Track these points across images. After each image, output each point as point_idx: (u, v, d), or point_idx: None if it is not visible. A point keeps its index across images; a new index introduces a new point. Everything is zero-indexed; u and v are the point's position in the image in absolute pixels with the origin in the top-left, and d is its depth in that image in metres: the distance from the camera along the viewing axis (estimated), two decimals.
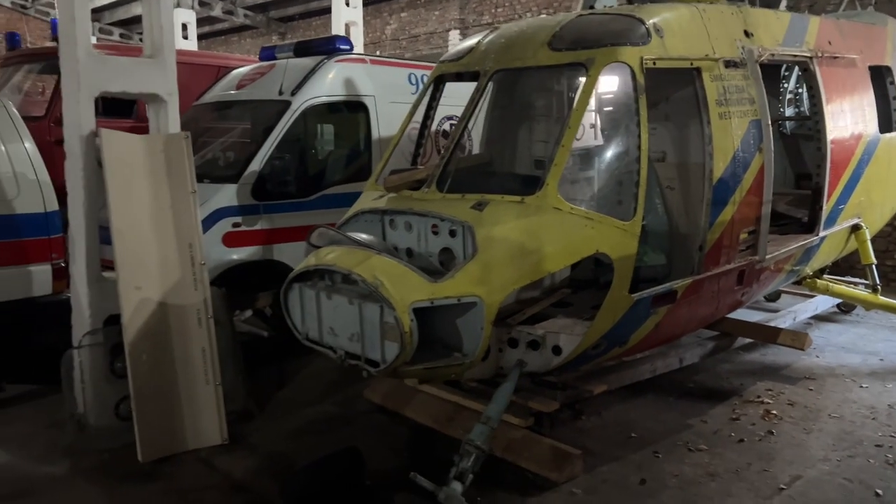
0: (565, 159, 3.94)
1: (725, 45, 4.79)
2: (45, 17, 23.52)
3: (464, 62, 4.77)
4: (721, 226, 4.64)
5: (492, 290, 3.65)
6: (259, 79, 6.86)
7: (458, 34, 15.66)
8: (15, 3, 22.95)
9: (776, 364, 6.27)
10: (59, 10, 4.37)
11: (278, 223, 6.06)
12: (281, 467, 4.33)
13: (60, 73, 7.80)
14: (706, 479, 4.21)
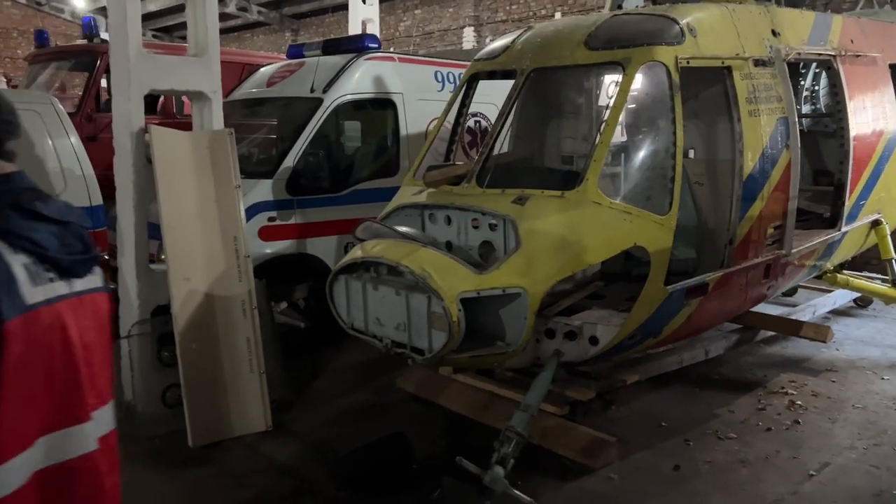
0: (604, 155, 4.08)
1: (754, 44, 4.91)
2: (59, 13, 23.72)
3: (500, 60, 4.90)
4: (750, 221, 4.76)
5: (535, 282, 3.79)
6: (289, 76, 7.00)
7: (472, 31, 15.80)
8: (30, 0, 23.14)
9: (797, 356, 6.39)
10: (111, 10, 4.51)
11: (311, 217, 6.21)
12: (324, 453, 4.48)
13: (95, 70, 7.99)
14: (738, 466, 4.35)
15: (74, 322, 1.54)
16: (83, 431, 1.56)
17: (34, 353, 1.43)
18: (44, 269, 1.48)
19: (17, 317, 1.39)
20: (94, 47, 8.29)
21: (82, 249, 1.58)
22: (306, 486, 4.09)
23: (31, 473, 1.44)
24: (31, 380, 1.43)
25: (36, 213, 1.51)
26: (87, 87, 7.96)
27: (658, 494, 4.02)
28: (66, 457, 1.51)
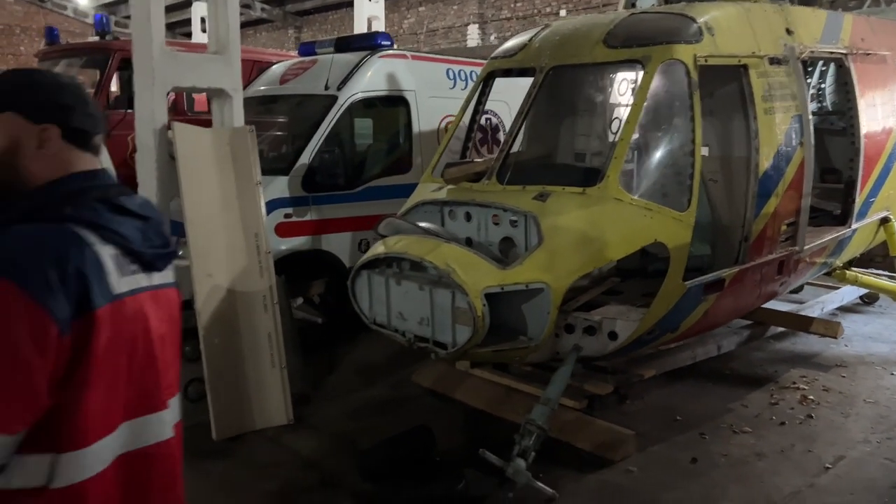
0: (625, 152, 4.14)
1: (769, 42, 4.96)
2: (62, 10, 23.72)
3: (517, 58, 4.95)
4: (765, 217, 4.82)
5: (558, 277, 3.85)
6: (302, 74, 7.04)
7: (476, 28, 15.84)
8: None
9: (807, 352, 6.46)
10: (134, 9, 4.55)
11: (327, 214, 6.26)
12: (346, 446, 4.54)
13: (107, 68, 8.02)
14: (754, 459, 4.41)
15: (154, 313, 1.59)
16: (161, 419, 1.61)
17: (119, 341, 1.48)
18: (128, 262, 1.53)
19: (106, 305, 1.44)
20: (106, 44, 8.33)
21: (162, 244, 1.63)
22: (331, 478, 4.15)
23: (113, 457, 1.49)
24: (116, 367, 1.48)
25: (122, 207, 1.55)
26: (100, 84, 8.00)
27: (677, 487, 4.08)
28: (145, 443, 1.56)
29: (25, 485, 1.39)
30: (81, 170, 1.57)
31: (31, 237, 1.41)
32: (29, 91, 1.55)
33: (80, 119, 1.58)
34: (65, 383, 1.40)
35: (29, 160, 1.52)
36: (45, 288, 1.35)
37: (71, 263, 1.40)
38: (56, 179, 1.54)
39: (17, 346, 1.33)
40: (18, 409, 1.34)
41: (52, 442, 1.40)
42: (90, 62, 8.46)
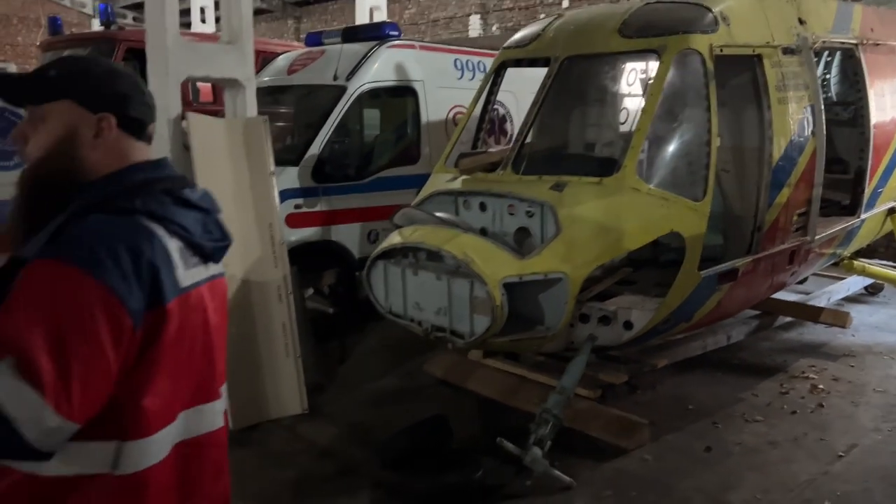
0: (641, 142, 4.15)
1: (783, 32, 4.97)
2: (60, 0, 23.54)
3: (531, 48, 4.95)
4: (778, 207, 4.84)
5: (576, 267, 3.87)
6: (310, 64, 7.02)
7: (478, 18, 15.80)
8: None
9: (815, 342, 6.49)
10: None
11: (336, 205, 6.25)
12: (361, 435, 4.56)
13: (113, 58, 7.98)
14: (767, 447, 4.44)
15: (210, 304, 1.59)
16: (213, 408, 1.62)
17: (184, 333, 1.49)
18: (190, 254, 1.53)
19: (175, 298, 1.45)
20: (112, 34, 8.29)
21: (221, 236, 1.64)
22: (349, 466, 4.17)
23: (172, 446, 1.50)
24: (180, 357, 1.49)
25: (185, 200, 1.55)
26: None
27: (693, 474, 4.11)
28: (199, 431, 1.57)
29: (85, 471, 1.39)
30: (142, 160, 1.57)
31: (106, 230, 1.40)
32: (85, 79, 1.54)
33: (137, 108, 1.57)
34: (132, 373, 1.41)
35: (87, 149, 1.52)
36: (122, 281, 1.36)
37: (144, 257, 1.40)
38: (120, 169, 1.53)
39: (99, 340, 1.33)
40: (93, 398, 1.34)
41: (119, 430, 1.41)
42: (95, 52, 8.41)
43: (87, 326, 1.32)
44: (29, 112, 1.56)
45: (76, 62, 1.61)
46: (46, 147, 1.52)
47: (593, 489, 3.96)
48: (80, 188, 1.50)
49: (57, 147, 1.51)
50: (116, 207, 1.45)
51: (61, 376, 1.28)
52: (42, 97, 1.53)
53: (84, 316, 1.32)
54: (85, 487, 1.40)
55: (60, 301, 1.33)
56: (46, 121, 1.52)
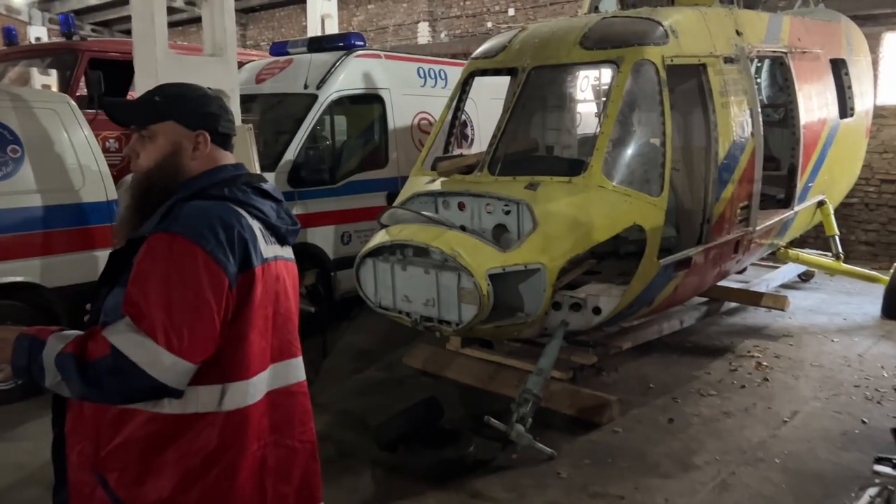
0: (605, 144, 4.58)
1: (723, 43, 5.50)
2: None
3: (499, 59, 5.34)
4: (724, 201, 5.35)
5: (553, 258, 4.26)
6: (279, 73, 7.27)
7: (427, 26, 16.16)
8: None
9: (757, 325, 7.10)
10: (135, 13, 4.73)
11: (311, 208, 6.52)
12: (354, 421, 4.86)
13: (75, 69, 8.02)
14: (723, 417, 4.94)
15: (287, 278, 1.92)
16: (297, 363, 1.96)
17: (268, 295, 1.82)
18: (269, 234, 1.87)
19: (259, 265, 1.79)
20: (75, 45, 8.29)
21: (291, 222, 1.96)
22: (348, 449, 4.46)
23: (266, 391, 1.83)
24: (266, 316, 1.82)
25: (263, 190, 1.90)
26: (68, 85, 7.98)
27: (660, 442, 4.56)
28: (287, 382, 1.90)
29: (199, 410, 1.73)
30: (228, 163, 1.93)
31: (205, 211, 1.76)
32: (183, 102, 1.89)
33: (225, 125, 1.93)
34: (231, 326, 1.74)
35: (187, 160, 1.87)
36: (220, 249, 1.70)
37: (235, 230, 1.75)
38: (211, 169, 1.88)
39: (203, 294, 1.68)
40: (202, 343, 1.68)
41: (223, 373, 1.75)
42: (55, 63, 8.40)
43: (194, 284, 1.67)
44: (136, 133, 1.88)
45: (175, 88, 1.94)
46: (156, 160, 1.87)
47: (573, 458, 4.36)
48: (181, 184, 1.85)
49: (165, 159, 1.87)
50: (210, 195, 1.81)
51: (173, 324, 1.64)
52: (150, 120, 1.87)
53: (191, 276, 1.68)
54: (197, 424, 1.73)
55: (174, 264, 1.68)
56: (155, 139, 1.86)
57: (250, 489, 1.80)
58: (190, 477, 1.72)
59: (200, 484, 1.73)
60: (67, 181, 5.28)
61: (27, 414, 5.00)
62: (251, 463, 1.79)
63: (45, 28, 20.64)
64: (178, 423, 1.72)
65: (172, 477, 1.71)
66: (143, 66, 4.77)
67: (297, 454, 1.92)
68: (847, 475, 4.09)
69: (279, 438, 1.87)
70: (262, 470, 1.82)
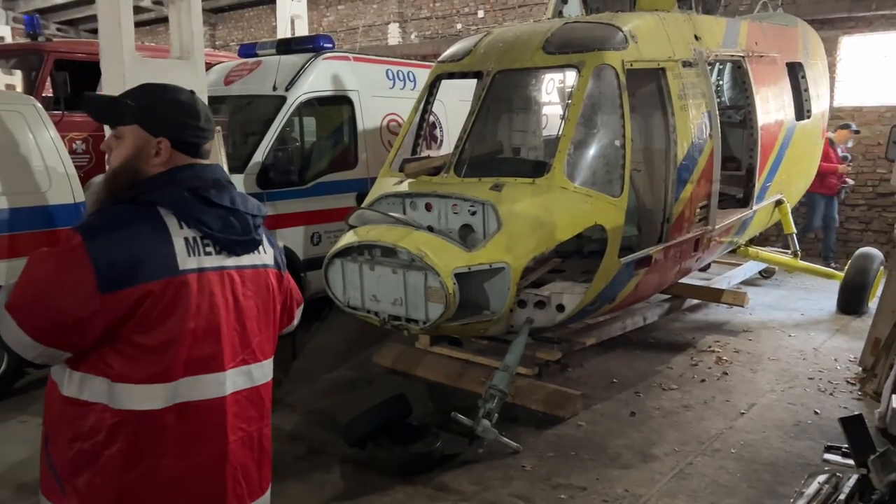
0: (567, 146, 4.71)
1: (682, 47, 5.67)
2: None
3: (465, 63, 5.45)
4: (683, 201, 5.52)
5: (517, 257, 4.38)
6: (247, 75, 7.30)
7: (397, 27, 16.23)
8: None
9: (717, 321, 7.31)
10: (102, 16, 4.75)
11: (281, 209, 6.56)
12: (324, 420, 4.94)
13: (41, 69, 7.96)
14: (682, 410, 5.11)
15: (224, 290, 1.92)
16: (217, 379, 1.91)
17: (182, 309, 1.83)
18: (206, 245, 1.88)
19: (164, 278, 1.80)
20: (39, 46, 8.23)
21: (243, 232, 1.96)
22: (317, 447, 4.54)
23: (172, 402, 1.84)
24: (178, 328, 1.82)
25: (206, 199, 1.90)
26: (34, 85, 7.92)
27: (622, 434, 4.71)
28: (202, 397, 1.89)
29: (89, 399, 1.80)
30: (182, 164, 1.94)
31: (115, 213, 1.84)
32: (152, 109, 1.93)
33: (191, 133, 1.95)
34: (120, 330, 1.77)
35: (147, 164, 1.92)
36: (103, 250, 1.74)
37: (135, 239, 1.78)
38: (162, 172, 1.91)
39: (59, 280, 1.73)
40: (39, 322, 1.74)
41: (108, 370, 1.79)
42: (21, 63, 8.32)
43: (57, 268, 1.75)
44: (113, 130, 1.94)
45: (149, 93, 1.97)
46: (120, 160, 1.93)
47: (538, 451, 4.48)
48: None
49: (127, 161, 1.92)
50: (141, 200, 1.87)
51: (21, 294, 1.76)
52: (118, 121, 1.94)
53: (59, 262, 1.75)
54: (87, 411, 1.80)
55: (56, 249, 1.77)
56: (123, 139, 1.93)
57: (143, 492, 1.83)
58: (81, 460, 1.82)
59: (90, 470, 1.81)
60: (34, 183, 5.27)
61: None
62: (146, 466, 1.83)
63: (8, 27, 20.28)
64: (73, 405, 1.82)
65: (69, 454, 1.83)
66: (109, 70, 4.79)
67: (201, 470, 1.91)
68: (798, 463, 4.28)
69: (184, 452, 1.87)
70: (155, 476, 1.84)
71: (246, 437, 2.00)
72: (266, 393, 2.10)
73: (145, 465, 1.82)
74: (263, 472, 2.08)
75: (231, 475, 1.95)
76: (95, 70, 7.00)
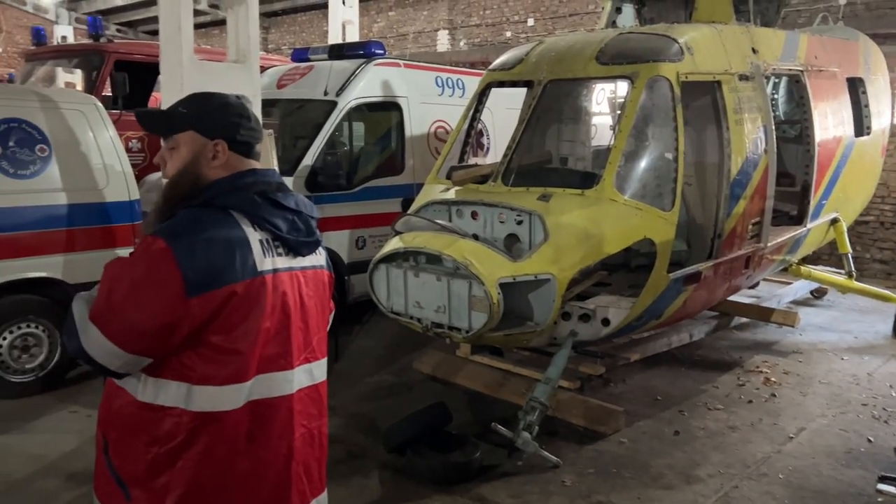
0: (618, 158, 4.65)
1: (739, 60, 5.55)
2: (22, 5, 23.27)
3: (515, 71, 5.43)
4: (735, 217, 5.40)
5: (563, 269, 4.34)
6: (300, 79, 7.40)
7: (446, 34, 16.29)
8: None
9: (766, 341, 7.12)
10: (163, 20, 4.87)
11: (327, 213, 6.61)
12: (365, 424, 4.95)
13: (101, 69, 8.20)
14: (728, 431, 4.98)
15: (294, 289, 1.96)
16: (284, 377, 1.94)
17: (259, 309, 1.86)
18: (276, 246, 1.93)
19: (247, 279, 1.83)
20: (101, 47, 8.49)
21: (306, 234, 2.01)
22: (357, 451, 4.55)
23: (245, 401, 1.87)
24: (256, 329, 1.85)
25: (275, 201, 1.95)
26: (94, 85, 8.18)
27: (665, 454, 4.61)
28: (271, 394, 1.92)
29: (166, 403, 1.81)
30: (245, 169, 1.98)
31: (196, 217, 1.86)
32: (203, 113, 1.97)
33: (244, 133, 1.99)
34: (202, 333, 1.79)
35: (206, 168, 1.95)
36: (188, 255, 1.76)
37: (218, 242, 1.81)
38: (224, 177, 1.95)
39: (148, 289, 1.76)
40: (130, 332, 1.75)
41: (189, 374, 1.81)
42: (82, 64, 8.61)
43: (145, 277, 1.76)
44: (166, 140, 1.98)
45: (199, 100, 2.02)
46: (179, 168, 1.97)
47: (578, 467, 4.42)
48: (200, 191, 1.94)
49: (186, 167, 1.96)
50: (215, 204, 1.90)
51: (108, 306, 1.77)
52: (173, 129, 1.98)
53: (146, 270, 1.77)
54: (164, 416, 1.81)
55: (140, 257, 1.80)
56: (179, 147, 1.96)
57: (214, 489, 1.86)
58: (158, 463, 1.82)
59: (167, 474, 1.82)
60: (92, 180, 5.43)
61: (45, 407, 5.15)
62: (221, 465, 1.85)
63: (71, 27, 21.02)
64: (148, 411, 1.82)
65: (144, 458, 1.82)
66: (169, 72, 4.90)
67: (270, 466, 1.94)
68: (850, 492, 4.13)
69: (253, 449, 1.89)
70: (227, 474, 1.86)
71: (308, 434, 2.04)
72: (324, 391, 2.15)
73: (220, 464, 1.85)
74: (322, 469, 2.13)
75: (295, 472, 1.98)
76: (153, 71, 7.24)
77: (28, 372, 5.34)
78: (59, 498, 3.99)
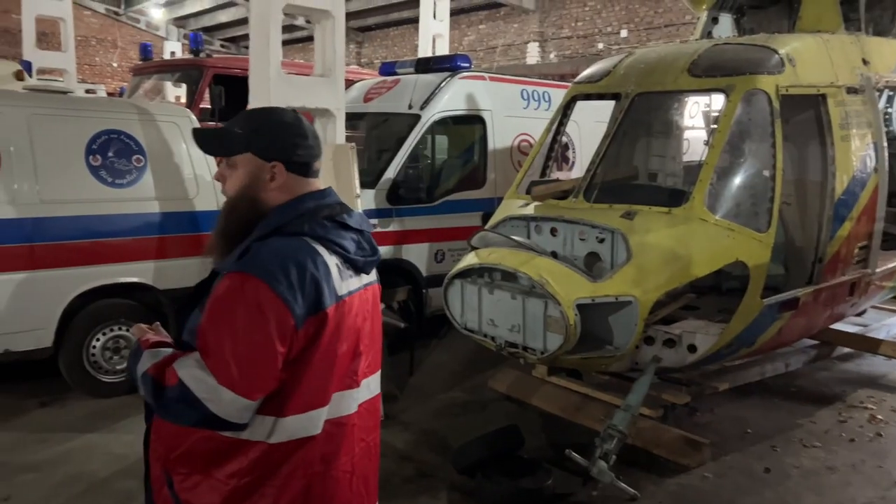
0: (710, 175, 4.40)
1: (846, 72, 5.17)
2: (136, 23, 24.81)
3: (602, 84, 5.26)
4: (839, 240, 5.01)
5: (646, 291, 4.12)
6: (385, 93, 7.46)
7: (536, 46, 16.17)
8: (109, 10, 24.21)
9: (873, 374, 6.57)
10: (253, 35, 4.99)
11: (408, 225, 6.63)
12: (436, 442, 4.87)
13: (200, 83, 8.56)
14: (826, 472, 4.59)
15: (361, 309, 1.95)
16: (353, 395, 1.94)
17: (339, 333, 1.85)
18: (346, 268, 1.89)
19: (333, 305, 1.81)
20: (200, 62, 8.89)
21: (371, 252, 1.99)
22: (427, 470, 4.47)
23: (321, 424, 1.84)
24: (336, 352, 1.85)
25: (343, 223, 1.92)
26: (193, 98, 8.55)
27: (753, 493, 4.29)
28: (339, 413, 1.89)
29: (251, 438, 1.79)
30: (308, 191, 1.95)
31: (279, 250, 1.81)
32: (260, 134, 1.93)
33: (301, 153, 1.94)
34: (295, 363, 1.78)
35: (265, 190, 1.93)
36: (290, 291, 1.74)
37: (308, 271, 1.78)
38: (290, 201, 1.91)
39: (267, 336, 1.73)
40: (261, 382, 1.75)
41: (278, 408, 1.79)
42: (183, 77, 9.03)
43: (259, 325, 1.72)
44: (224, 159, 1.97)
45: (255, 118, 1.99)
46: (236, 189, 1.95)
47: (657, 501, 4.18)
48: (262, 215, 1.91)
49: (243, 189, 1.94)
50: (288, 231, 1.85)
51: (235, 363, 1.71)
52: (230, 151, 1.95)
53: (258, 317, 1.73)
54: (247, 450, 1.79)
55: (243, 305, 1.74)
56: (236, 168, 1.94)
57: None
58: (236, 496, 1.79)
59: (247, 502, 1.80)
60: (183, 190, 5.63)
61: (132, 407, 5.32)
62: (297, 489, 1.83)
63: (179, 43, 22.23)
64: (231, 445, 1.79)
65: (221, 492, 1.79)
66: (257, 85, 5.01)
67: (338, 485, 1.92)
68: None
69: (326, 469, 1.88)
70: (307, 498, 1.85)
71: (366, 447, 2.03)
72: (378, 403, 2.12)
73: (298, 488, 1.84)
74: (376, 480, 2.12)
75: (356, 485, 1.97)
76: None
77: (118, 373, 5.56)
78: (137, 499, 4.08)
